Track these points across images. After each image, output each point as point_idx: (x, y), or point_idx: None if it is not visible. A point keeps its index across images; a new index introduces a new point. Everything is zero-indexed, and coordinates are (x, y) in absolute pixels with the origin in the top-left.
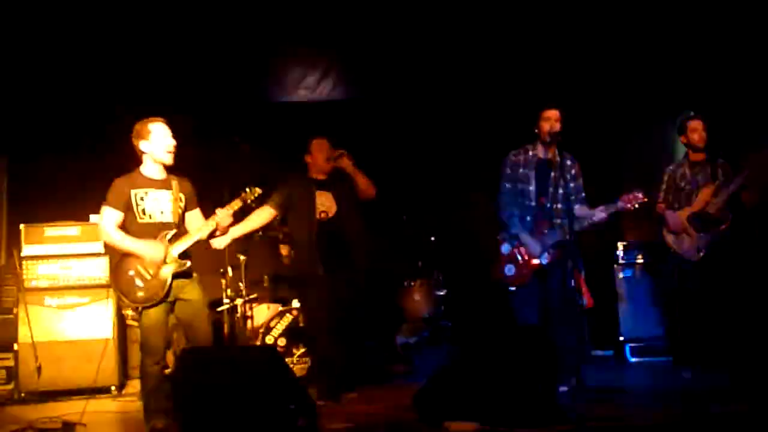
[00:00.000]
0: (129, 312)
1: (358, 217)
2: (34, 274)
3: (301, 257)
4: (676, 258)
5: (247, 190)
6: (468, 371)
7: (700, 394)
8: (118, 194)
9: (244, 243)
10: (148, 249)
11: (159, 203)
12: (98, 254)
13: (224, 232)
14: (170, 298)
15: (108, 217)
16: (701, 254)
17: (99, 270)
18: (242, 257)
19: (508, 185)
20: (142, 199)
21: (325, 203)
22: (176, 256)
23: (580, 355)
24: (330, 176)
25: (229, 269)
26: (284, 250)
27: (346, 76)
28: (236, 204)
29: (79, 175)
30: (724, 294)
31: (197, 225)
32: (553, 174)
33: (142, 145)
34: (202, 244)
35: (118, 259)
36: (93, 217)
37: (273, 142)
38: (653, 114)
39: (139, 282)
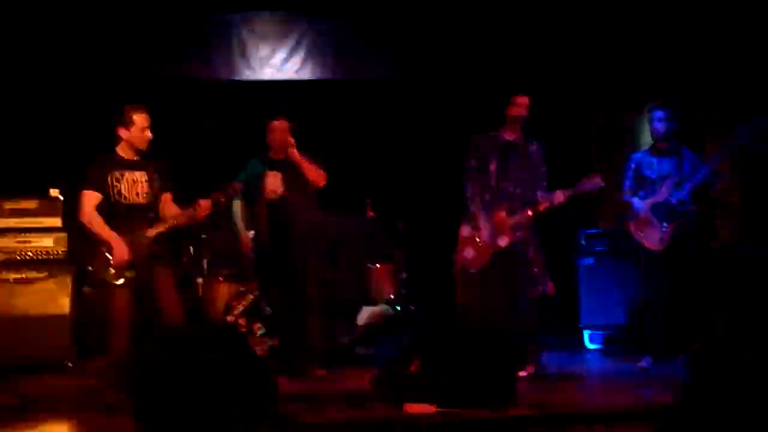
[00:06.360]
0: (87, 289)
1: (308, 202)
2: None
3: (255, 237)
4: (639, 247)
5: (228, 186)
6: (427, 354)
7: (658, 382)
8: (95, 176)
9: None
10: (117, 246)
11: (135, 185)
12: (57, 229)
13: (200, 220)
14: (138, 278)
15: (88, 201)
16: (665, 244)
17: (57, 245)
18: (203, 236)
19: (473, 163)
20: (117, 180)
21: (275, 183)
22: (151, 239)
23: (539, 341)
24: (287, 157)
25: (190, 248)
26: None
27: (314, 56)
28: (218, 197)
29: (39, 148)
30: (685, 284)
31: (172, 211)
32: (516, 157)
33: (121, 131)
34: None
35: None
36: (52, 191)
37: (239, 122)
38: (622, 101)
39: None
